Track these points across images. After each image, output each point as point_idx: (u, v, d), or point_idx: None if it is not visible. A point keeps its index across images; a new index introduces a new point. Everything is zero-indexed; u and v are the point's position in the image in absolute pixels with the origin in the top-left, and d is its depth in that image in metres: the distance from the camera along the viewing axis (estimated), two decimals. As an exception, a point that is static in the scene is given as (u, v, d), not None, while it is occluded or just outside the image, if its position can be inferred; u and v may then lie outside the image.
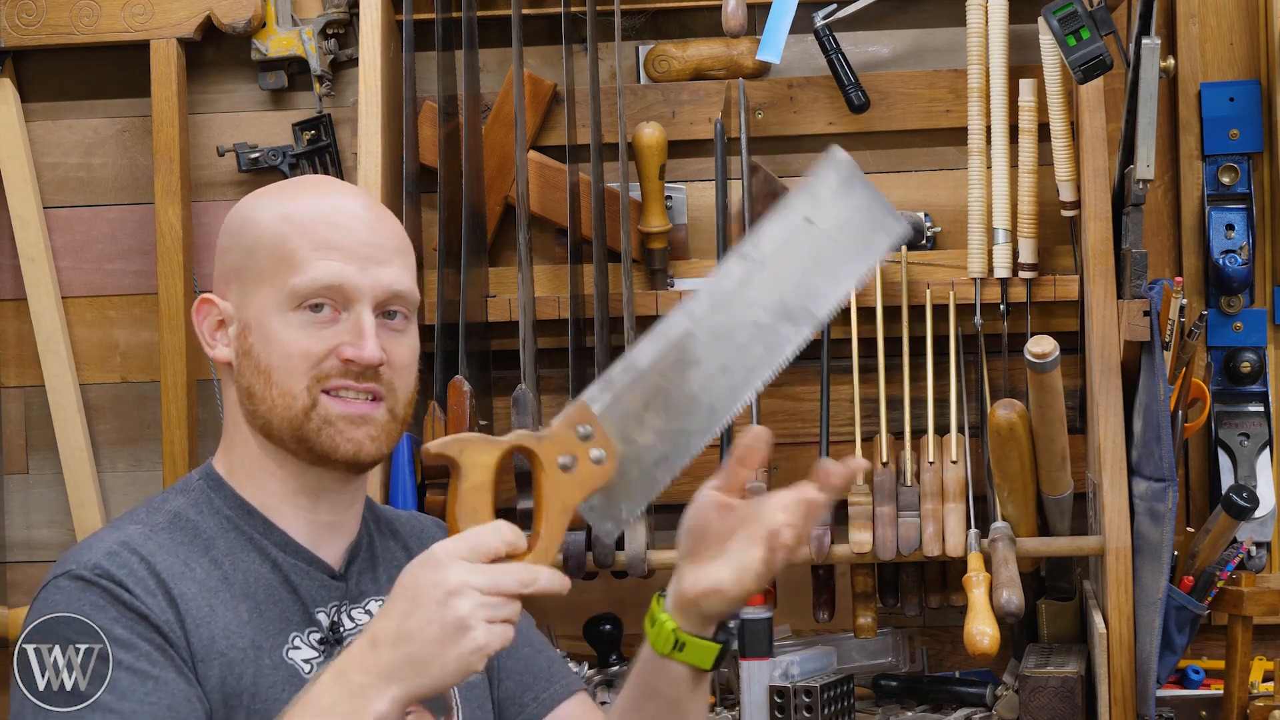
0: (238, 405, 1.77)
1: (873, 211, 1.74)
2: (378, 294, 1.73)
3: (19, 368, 3.16)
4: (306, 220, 1.74)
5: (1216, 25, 2.95)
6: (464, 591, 1.52)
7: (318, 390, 1.72)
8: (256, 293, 1.74)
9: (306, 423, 1.72)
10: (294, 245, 1.72)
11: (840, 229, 1.72)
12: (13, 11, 3.06)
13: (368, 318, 1.72)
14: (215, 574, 1.70)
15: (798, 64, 3.01)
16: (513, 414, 2.75)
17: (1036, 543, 2.74)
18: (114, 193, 3.14)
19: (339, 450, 1.73)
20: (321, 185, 1.84)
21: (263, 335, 1.73)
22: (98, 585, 1.64)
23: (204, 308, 1.79)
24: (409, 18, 2.91)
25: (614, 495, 1.63)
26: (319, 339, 1.72)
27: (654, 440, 1.65)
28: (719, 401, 1.68)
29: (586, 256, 2.93)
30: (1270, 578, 2.88)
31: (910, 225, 1.72)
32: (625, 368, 1.66)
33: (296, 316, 1.72)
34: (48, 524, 3.15)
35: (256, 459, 1.77)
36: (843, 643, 2.94)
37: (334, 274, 1.71)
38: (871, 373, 2.86)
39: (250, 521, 1.75)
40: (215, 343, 1.78)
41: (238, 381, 1.76)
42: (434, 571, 1.53)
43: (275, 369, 1.72)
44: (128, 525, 1.73)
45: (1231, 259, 2.88)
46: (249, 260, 1.75)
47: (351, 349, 1.71)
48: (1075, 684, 2.61)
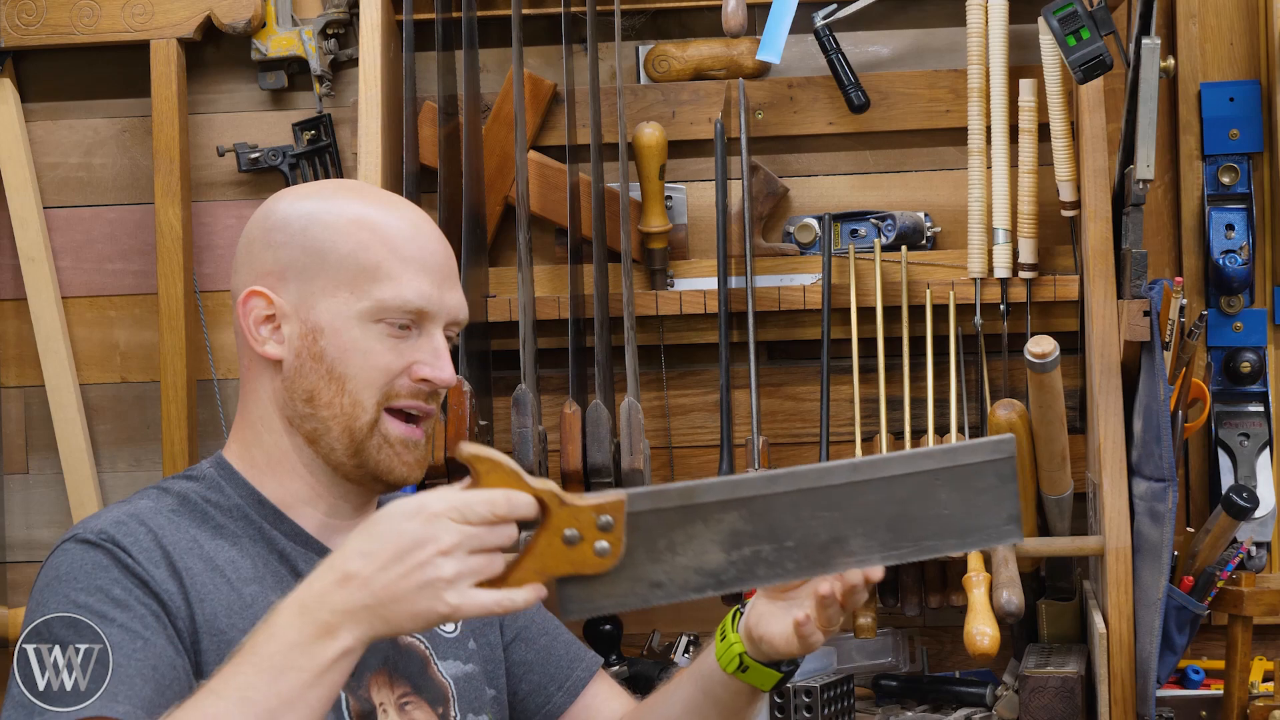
0: (271, 402, 1.76)
1: (995, 509, 1.65)
2: (450, 317, 1.77)
3: (19, 368, 3.16)
4: (389, 232, 1.74)
5: (1216, 25, 2.95)
6: (453, 553, 1.52)
7: (383, 406, 1.73)
8: (329, 296, 1.73)
9: (369, 439, 1.73)
10: (378, 256, 1.73)
11: (954, 503, 1.64)
12: (13, 11, 3.06)
13: (441, 340, 1.76)
14: (223, 556, 1.72)
15: (798, 64, 3.01)
16: (513, 414, 2.75)
17: (1036, 543, 2.74)
18: (114, 193, 3.14)
19: (394, 473, 1.75)
20: (379, 193, 1.83)
21: (338, 341, 1.73)
22: (101, 548, 1.65)
23: (251, 300, 1.76)
24: (409, 18, 2.91)
25: (595, 589, 1.60)
26: (398, 354, 1.74)
27: (665, 571, 1.61)
28: (733, 576, 1.62)
29: (586, 256, 2.93)
30: (1270, 578, 2.88)
31: (1021, 535, 1.66)
32: (684, 492, 1.62)
33: (377, 328, 1.73)
34: (48, 524, 3.15)
35: (285, 459, 1.77)
36: (843, 643, 2.94)
37: (422, 296, 1.73)
38: (871, 373, 2.86)
39: (261, 511, 1.76)
40: (264, 338, 1.76)
41: (296, 382, 1.75)
42: (425, 526, 1.52)
43: (350, 378, 1.73)
44: (138, 500, 1.74)
45: (1231, 259, 2.88)
46: (316, 260, 1.74)
47: (429, 369, 1.74)
48: (1075, 684, 2.61)
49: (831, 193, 3.02)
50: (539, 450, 2.76)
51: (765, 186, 2.98)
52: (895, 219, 2.95)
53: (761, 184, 2.97)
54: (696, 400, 3.02)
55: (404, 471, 1.75)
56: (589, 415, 2.76)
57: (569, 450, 2.76)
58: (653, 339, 2.97)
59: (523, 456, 2.73)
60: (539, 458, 2.76)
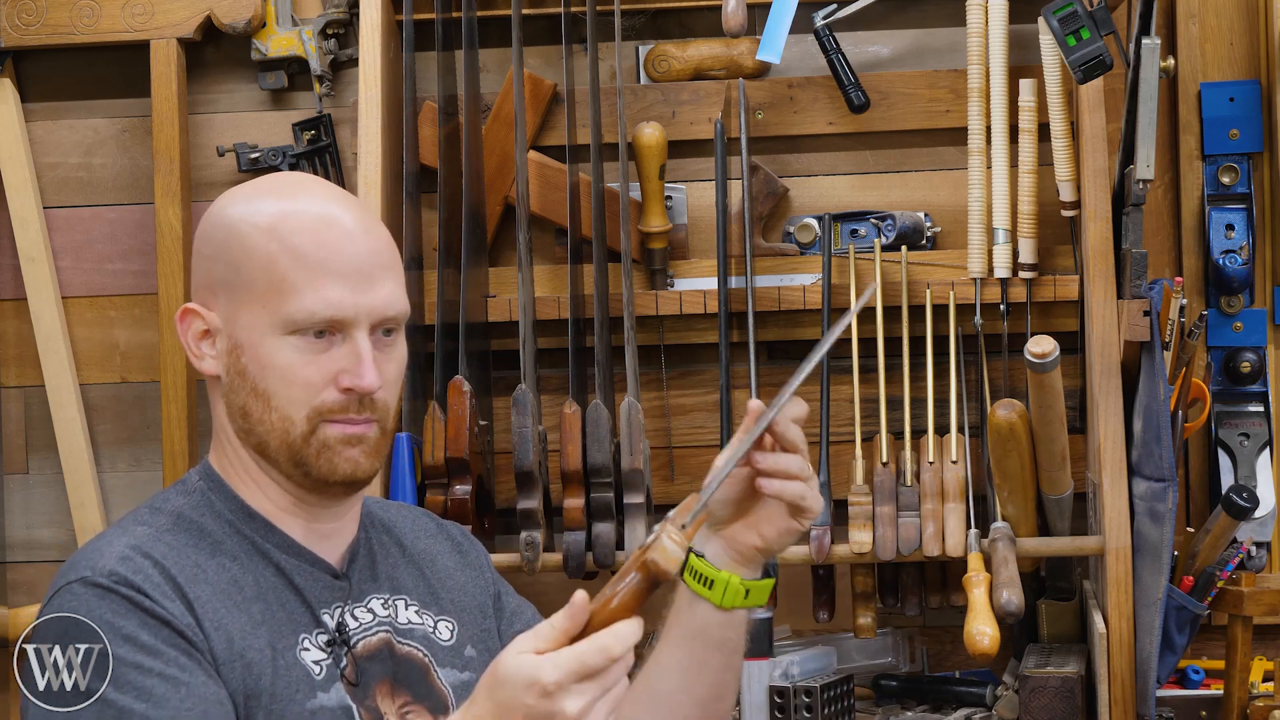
0: (226, 416, 1.74)
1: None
2: (373, 318, 1.71)
3: (19, 368, 3.16)
4: (296, 237, 1.69)
5: (1216, 25, 2.95)
6: (581, 717, 1.49)
7: (318, 419, 1.70)
8: (246, 311, 1.70)
9: (305, 448, 1.70)
10: (284, 268, 1.68)
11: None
12: (13, 11, 3.06)
13: (365, 344, 1.70)
14: (225, 576, 1.70)
15: (798, 64, 3.01)
16: (513, 414, 2.75)
17: (1036, 543, 2.74)
18: (114, 193, 3.14)
19: (337, 470, 1.71)
20: (304, 191, 1.77)
21: (257, 358, 1.70)
22: (116, 592, 1.62)
23: (188, 318, 1.74)
24: (409, 18, 2.91)
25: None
26: (318, 366, 1.69)
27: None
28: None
29: (586, 256, 2.93)
30: (1270, 578, 2.88)
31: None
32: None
33: (293, 340, 1.69)
34: (48, 524, 3.15)
35: (250, 470, 1.75)
36: (843, 643, 2.94)
37: (331, 305, 1.68)
38: (871, 373, 2.86)
39: (251, 524, 1.75)
40: (202, 354, 1.74)
41: (229, 398, 1.73)
42: (544, 701, 1.49)
43: (274, 394, 1.69)
44: (133, 527, 1.70)
45: (1231, 259, 2.88)
46: (235, 275, 1.70)
47: (350, 377, 1.69)
48: (1075, 684, 2.61)
49: (831, 193, 3.02)
50: (539, 450, 2.76)
51: (765, 186, 2.98)
52: (895, 219, 2.95)
53: (761, 184, 2.97)
54: (696, 400, 3.02)
55: (348, 469, 1.71)
56: (589, 415, 2.76)
57: (569, 450, 2.76)
58: (653, 339, 2.97)
59: (523, 456, 2.73)
60: (539, 458, 2.76)
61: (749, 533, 1.77)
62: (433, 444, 2.73)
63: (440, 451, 2.73)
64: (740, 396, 2.90)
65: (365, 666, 1.73)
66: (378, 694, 1.74)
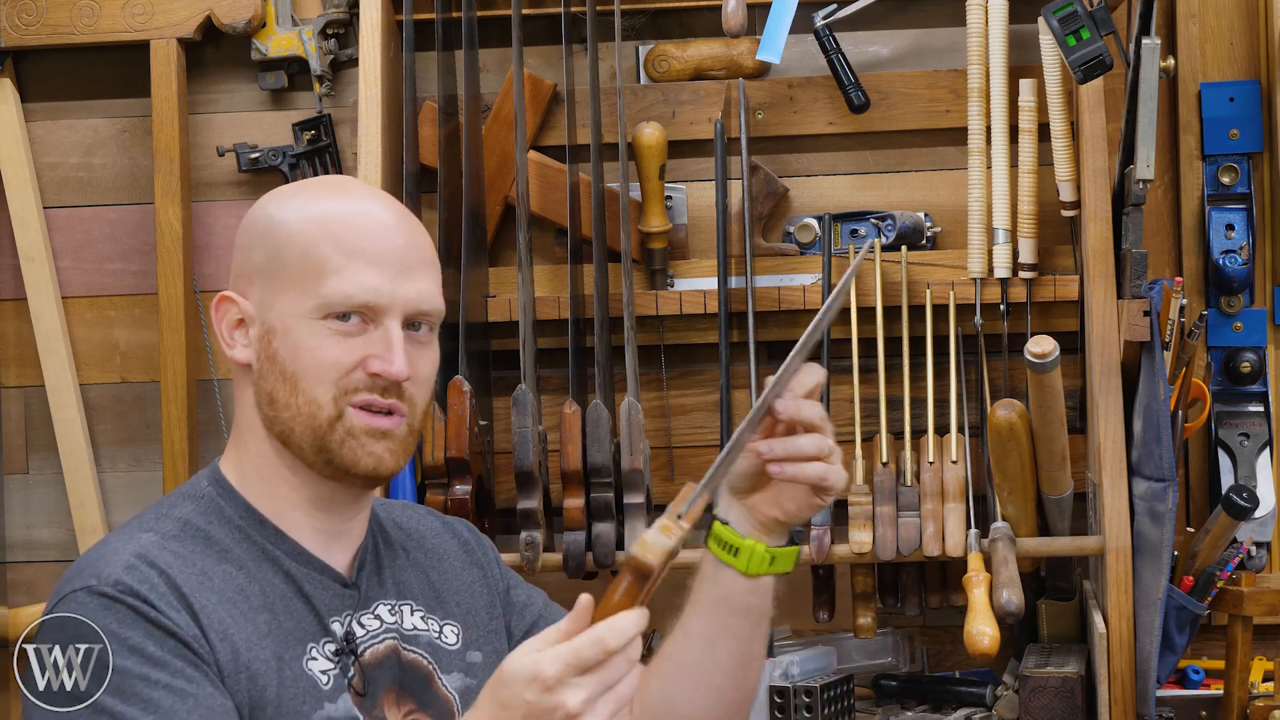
0: (254, 408, 1.75)
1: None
2: (407, 309, 1.72)
3: (19, 368, 3.16)
4: (337, 226, 1.71)
5: (1216, 25, 2.95)
6: (585, 712, 1.49)
7: (345, 402, 1.70)
8: (282, 296, 1.71)
9: (330, 433, 1.70)
10: (324, 253, 1.70)
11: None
12: (13, 11, 3.06)
13: (396, 332, 1.71)
14: (232, 585, 1.69)
15: (798, 64, 3.01)
16: (513, 414, 2.75)
17: (1036, 543, 2.74)
18: (114, 193, 3.14)
19: (360, 464, 1.72)
20: (350, 188, 1.81)
21: (289, 341, 1.71)
22: (122, 602, 1.61)
23: (223, 305, 1.76)
24: (409, 18, 2.91)
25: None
26: (348, 349, 1.70)
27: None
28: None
29: (586, 256, 2.93)
30: (1270, 578, 2.88)
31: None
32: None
33: (325, 325, 1.70)
34: (48, 524, 3.15)
35: (270, 465, 1.75)
36: (843, 643, 2.94)
37: (367, 289, 1.70)
38: (871, 373, 2.86)
39: (262, 531, 1.74)
40: (234, 343, 1.75)
41: (258, 384, 1.73)
42: (545, 695, 1.49)
43: (302, 376, 1.70)
44: (139, 534, 1.70)
45: (1231, 259, 2.88)
46: (274, 262, 1.72)
47: (379, 362, 1.70)
48: (1075, 684, 2.61)
49: (831, 193, 3.02)
50: (539, 450, 2.76)
51: (765, 186, 2.98)
52: (895, 219, 2.95)
53: (761, 184, 2.97)
54: (696, 400, 3.02)
55: (371, 462, 1.72)
56: (589, 415, 2.76)
57: (569, 450, 2.76)
58: (653, 339, 2.97)
59: (523, 456, 2.73)
60: (539, 458, 2.76)
61: (770, 505, 1.79)
62: (433, 444, 2.74)
63: (440, 451, 2.73)
64: (740, 397, 2.90)
65: (373, 675, 1.73)
66: (384, 703, 1.74)
